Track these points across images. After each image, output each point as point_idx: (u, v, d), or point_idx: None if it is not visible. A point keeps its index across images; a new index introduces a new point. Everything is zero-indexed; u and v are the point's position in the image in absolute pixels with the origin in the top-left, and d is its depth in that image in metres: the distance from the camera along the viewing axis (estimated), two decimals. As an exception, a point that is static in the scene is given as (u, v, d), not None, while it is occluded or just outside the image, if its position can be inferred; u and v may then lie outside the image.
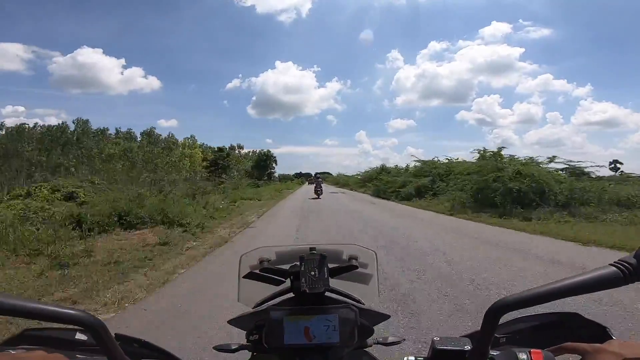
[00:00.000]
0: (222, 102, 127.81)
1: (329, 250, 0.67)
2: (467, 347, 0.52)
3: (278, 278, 0.67)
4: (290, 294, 0.66)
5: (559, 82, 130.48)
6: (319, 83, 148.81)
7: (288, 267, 0.66)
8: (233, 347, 0.66)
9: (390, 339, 0.69)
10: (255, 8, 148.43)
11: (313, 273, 0.62)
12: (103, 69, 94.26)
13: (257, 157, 56.47)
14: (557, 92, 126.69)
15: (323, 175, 40.93)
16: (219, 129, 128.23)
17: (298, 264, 0.64)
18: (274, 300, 0.68)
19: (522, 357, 0.48)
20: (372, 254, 0.71)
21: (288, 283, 0.67)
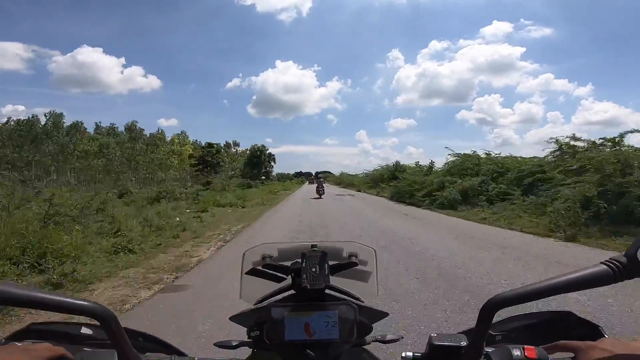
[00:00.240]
0: (222, 101, 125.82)
1: (330, 248, 0.68)
2: (463, 343, 0.53)
3: (279, 275, 0.69)
4: (291, 291, 0.67)
5: (560, 81, 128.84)
6: (319, 82, 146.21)
7: (290, 263, 0.67)
8: (234, 343, 0.66)
9: (389, 337, 0.69)
10: (256, 7, 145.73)
11: (314, 270, 0.63)
12: (103, 68, 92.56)
13: (249, 153, 46.65)
14: (558, 91, 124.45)
15: (324, 175, 40.15)
16: (219, 128, 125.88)
17: (299, 261, 0.64)
18: (275, 297, 0.69)
19: (516, 353, 0.50)
20: (371, 252, 0.72)
21: (289, 280, 0.68)
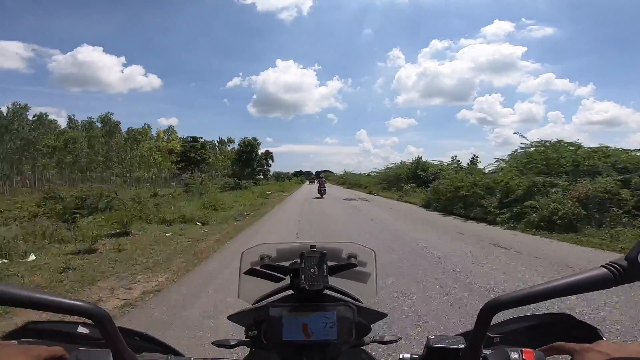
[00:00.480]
0: (222, 100, 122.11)
1: (329, 248, 0.68)
2: (461, 345, 0.53)
3: (278, 275, 0.68)
4: (290, 291, 0.67)
5: (561, 81, 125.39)
6: (320, 81, 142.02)
7: (288, 264, 0.67)
8: (232, 342, 0.66)
9: (387, 338, 0.69)
10: (256, 6, 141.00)
11: (313, 270, 0.62)
12: (103, 67, 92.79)
13: (238, 148, 38.21)
14: (559, 91, 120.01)
15: (325, 174, 39.33)
16: (220, 128, 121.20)
17: (298, 261, 0.64)
18: (274, 297, 0.68)
19: (514, 356, 0.50)
20: (371, 253, 0.72)
21: (288, 280, 0.67)
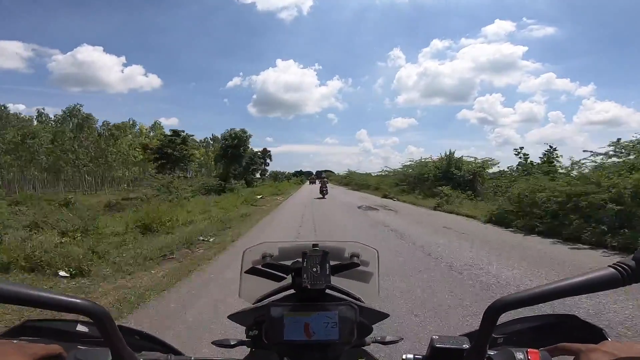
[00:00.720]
0: (222, 100, 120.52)
1: (331, 247, 0.67)
2: (465, 345, 0.53)
3: (280, 274, 0.67)
4: (291, 290, 0.66)
5: (562, 81, 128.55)
6: (320, 81, 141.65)
7: (290, 263, 0.66)
8: (232, 342, 0.64)
9: (389, 338, 0.69)
10: (256, 5, 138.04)
11: (315, 269, 0.61)
12: (103, 67, 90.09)
13: (222, 142, 28.80)
14: (559, 91, 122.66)
15: (326, 174, 39.17)
16: (220, 128, 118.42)
17: (300, 260, 0.63)
18: (275, 297, 0.67)
19: (519, 356, 0.49)
20: (373, 252, 0.72)
21: (289, 279, 0.66)
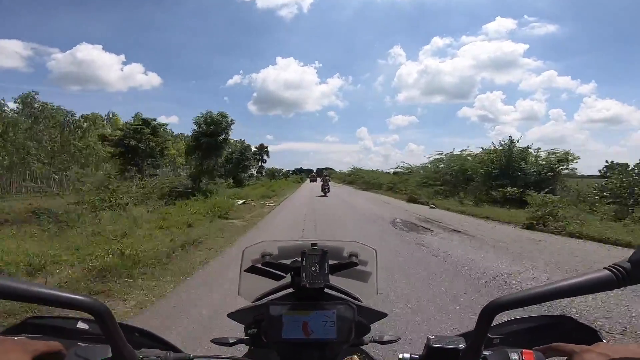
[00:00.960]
0: (222, 98, 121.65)
1: (330, 247, 0.68)
2: (461, 345, 0.52)
3: (279, 273, 0.68)
4: (290, 289, 0.66)
5: (563, 78, 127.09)
6: (320, 79, 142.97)
7: (289, 262, 0.67)
8: (231, 340, 0.66)
9: (386, 338, 0.69)
10: (256, 3, 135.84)
11: (314, 268, 0.62)
12: (103, 66, 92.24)
13: (195, 129, 21.87)
14: (560, 89, 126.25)
15: (327, 171, 39.70)
16: None
17: (299, 259, 0.63)
18: (274, 295, 0.68)
19: (514, 357, 0.50)
20: (372, 252, 0.71)
21: (288, 278, 0.67)
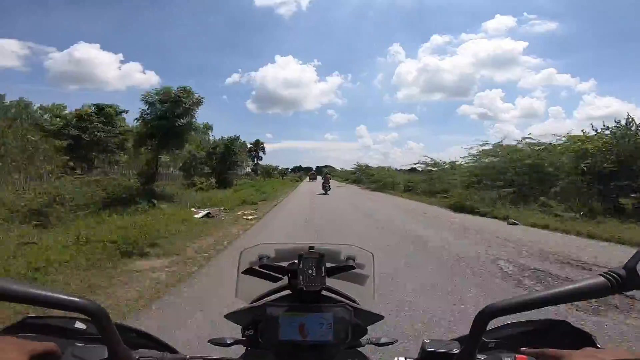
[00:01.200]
0: (221, 97, 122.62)
1: (328, 250, 0.68)
2: (455, 350, 0.53)
3: (276, 275, 0.69)
4: (287, 291, 0.67)
5: (563, 76, 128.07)
6: (320, 77, 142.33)
7: (287, 264, 0.68)
8: (228, 341, 0.66)
9: (383, 340, 0.69)
10: (254, 1, 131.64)
11: (311, 271, 0.63)
12: (100, 64, 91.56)
13: (147, 105, 12.68)
14: (560, 86, 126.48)
15: (327, 169, 39.69)
16: (219, 125, 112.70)
17: (296, 262, 0.64)
18: (271, 297, 0.69)
19: None
20: (369, 256, 0.72)
21: (286, 280, 0.68)
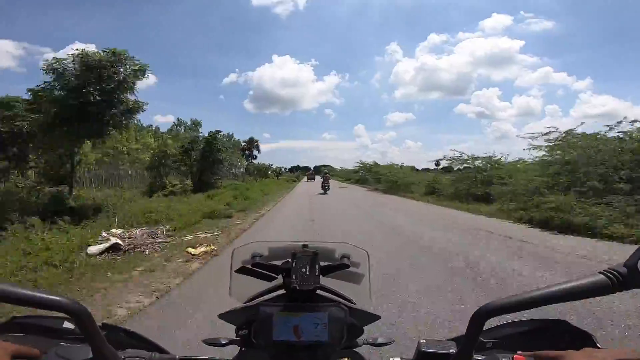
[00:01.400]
0: (218, 96, 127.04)
1: (322, 248, 0.67)
2: (452, 350, 0.53)
3: (270, 274, 0.68)
4: (282, 291, 0.67)
5: (559, 75, 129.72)
6: (317, 77, 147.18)
7: (280, 263, 0.67)
8: (222, 341, 0.66)
9: (380, 340, 0.68)
10: (251, 0, 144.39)
11: (304, 270, 0.62)
12: None
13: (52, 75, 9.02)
14: (557, 85, 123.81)
15: (326, 169, 39.80)
16: (217, 124, 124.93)
17: (290, 261, 0.64)
18: (265, 296, 0.68)
19: None
20: (364, 254, 0.71)
21: (280, 279, 0.67)
